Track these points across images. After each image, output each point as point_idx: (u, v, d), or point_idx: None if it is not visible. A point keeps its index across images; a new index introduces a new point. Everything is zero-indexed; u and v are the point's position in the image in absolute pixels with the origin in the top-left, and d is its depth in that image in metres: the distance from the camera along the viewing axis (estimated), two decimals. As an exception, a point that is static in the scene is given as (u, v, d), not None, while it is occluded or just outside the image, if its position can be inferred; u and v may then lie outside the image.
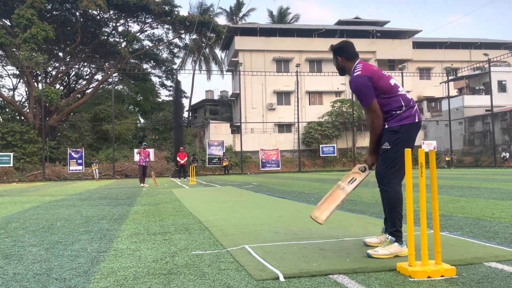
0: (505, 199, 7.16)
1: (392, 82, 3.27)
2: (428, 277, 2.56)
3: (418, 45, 45.48)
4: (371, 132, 3.30)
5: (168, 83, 49.36)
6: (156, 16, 39.55)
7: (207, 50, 48.93)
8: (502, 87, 38.65)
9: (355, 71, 3.30)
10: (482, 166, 34.05)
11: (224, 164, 32.63)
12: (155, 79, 49.16)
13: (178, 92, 39.52)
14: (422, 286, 2.42)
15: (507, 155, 33.28)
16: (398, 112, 3.20)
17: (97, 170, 28.50)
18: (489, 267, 2.78)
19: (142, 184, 16.25)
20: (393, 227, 3.19)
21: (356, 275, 2.66)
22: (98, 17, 38.68)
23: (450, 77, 40.66)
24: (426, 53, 45.79)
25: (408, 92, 3.35)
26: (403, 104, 3.20)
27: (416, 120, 3.22)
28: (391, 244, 3.13)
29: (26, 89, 39.63)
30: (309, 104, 41.03)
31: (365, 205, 6.88)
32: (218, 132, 37.56)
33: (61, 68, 40.25)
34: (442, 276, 2.58)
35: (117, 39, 41.83)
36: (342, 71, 3.54)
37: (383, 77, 3.24)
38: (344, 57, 3.47)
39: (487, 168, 30.40)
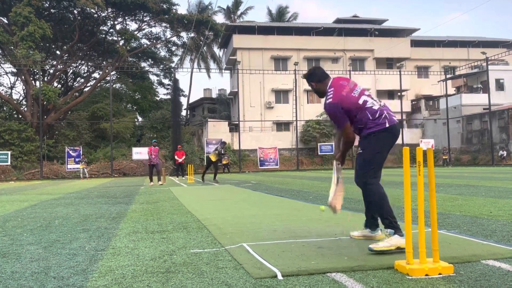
0: (502, 197, 7.18)
1: (361, 100, 3.52)
2: (426, 275, 2.57)
3: (416, 43, 45.51)
4: (345, 144, 3.68)
5: (166, 81, 49.28)
6: (154, 14, 39.44)
7: (205, 48, 48.86)
8: (499, 86, 38.73)
9: (328, 97, 3.58)
10: (479, 164, 34.13)
11: (224, 162, 32.63)
12: (153, 78, 49.07)
13: (176, 90, 39.49)
14: (420, 284, 2.43)
15: (505, 153, 33.36)
16: (368, 123, 3.50)
17: (85, 169, 28.32)
18: (486, 265, 2.79)
19: (151, 183, 15.54)
20: (386, 219, 3.33)
21: (354, 273, 2.67)
22: (96, 15, 38.54)
23: (448, 76, 40.73)
24: (424, 52, 45.82)
25: (379, 102, 3.61)
26: (370, 117, 3.49)
27: (387, 126, 3.46)
28: (391, 237, 3.22)
29: (24, 87, 39.52)
30: (307, 103, 41.04)
31: (363, 203, 6.89)
32: (216, 131, 37.54)
33: (58, 66, 40.12)
34: (439, 274, 2.58)
35: (115, 37, 41.70)
36: (320, 94, 3.78)
37: (350, 99, 3.51)
38: (315, 81, 3.76)
39: (485, 166, 30.47)
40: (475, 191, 8.53)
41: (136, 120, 45.87)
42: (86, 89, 43.13)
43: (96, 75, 43.92)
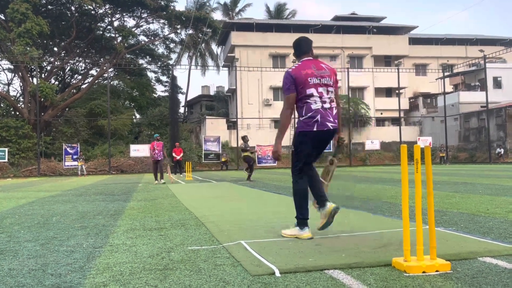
0: (499, 195, 7.20)
1: (308, 91, 3.60)
2: (423, 272, 2.57)
3: (414, 41, 45.54)
4: (280, 120, 3.78)
5: (164, 78, 49.16)
6: (152, 11, 39.30)
7: (203, 45, 48.75)
8: (497, 84, 38.80)
9: (290, 68, 3.73)
10: (477, 162, 34.23)
11: (223, 160, 32.64)
12: (150, 75, 48.97)
13: (174, 87, 39.42)
14: (417, 281, 2.43)
15: (502, 151, 33.47)
16: (301, 119, 3.67)
17: (83, 166, 28.26)
18: (483, 262, 2.80)
19: (156, 181, 14.53)
20: (297, 213, 3.75)
21: (352, 270, 2.68)
22: (93, 11, 38.38)
23: (446, 73, 40.77)
24: (422, 49, 45.86)
25: (328, 104, 3.68)
26: (302, 113, 3.65)
27: (314, 129, 3.61)
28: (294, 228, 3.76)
29: (21, 84, 39.36)
30: (305, 100, 41.02)
31: (360, 201, 6.91)
32: (214, 128, 37.52)
33: (56, 63, 39.98)
34: (437, 271, 2.59)
35: (113, 34, 41.57)
36: None
37: (302, 82, 3.60)
38: (295, 55, 3.89)
39: (482, 164, 30.56)
40: (472, 189, 8.56)
41: (134, 117, 45.79)
42: (84, 86, 42.99)
43: (93, 72, 43.81)
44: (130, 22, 68.41)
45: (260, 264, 2.85)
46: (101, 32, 41.74)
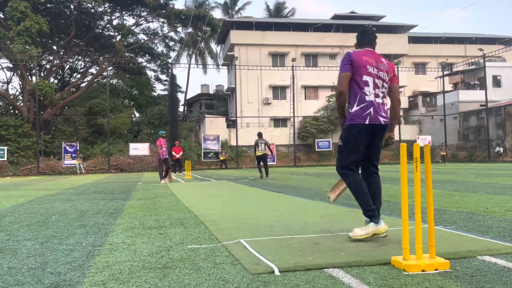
0: (498, 193, 7.21)
1: (364, 78, 3.46)
2: (422, 270, 2.58)
3: (413, 40, 45.52)
4: (336, 98, 3.61)
5: (164, 77, 49.17)
6: (151, 9, 39.26)
7: (202, 44, 48.71)
8: (496, 82, 38.81)
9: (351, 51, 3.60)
10: (476, 161, 34.25)
11: (222, 158, 32.63)
12: (150, 73, 48.95)
13: (173, 86, 39.37)
14: (416, 279, 2.44)
15: (501, 150, 33.50)
16: (352, 110, 3.49)
17: (81, 164, 28.22)
18: (482, 261, 2.81)
19: (163, 181, 13.79)
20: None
21: (351, 269, 2.68)
22: (93, 10, 38.35)
23: (445, 72, 40.76)
24: (421, 48, 45.84)
25: (381, 100, 3.53)
26: (355, 101, 3.47)
27: (366, 123, 3.44)
28: (367, 225, 3.44)
29: (20, 83, 39.32)
30: (305, 99, 41.02)
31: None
32: (214, 127, 37.50)
33: (55, 61, 39.93)
34: (436, 269, 2.59)
35: (112, 33, 41.52)
36: None
37: (361, 66, 3.46)
38: (356, 44, 3.74)
39: (481, 163, 30.59)
40: (472, 187, 8.57)
41: (133, 115, 45.77)
42: (83, 84, 42.98)
43: (93, 70, 43.78)
44: (130, 21, 68.21)
45: (259, 262, 2.85)
46: (100, 31, 41.69)
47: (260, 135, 15.33)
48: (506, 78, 38.75)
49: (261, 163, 15.19)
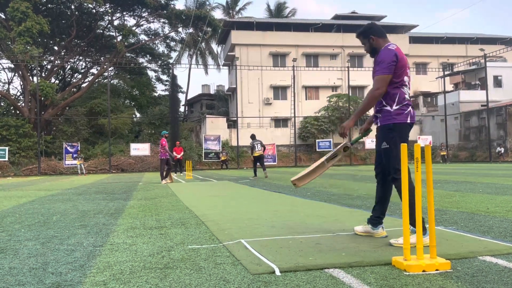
0: (499, 194, 7.20)
1: (405, 78, 3.39)
2: (423, 271, 2.58)
3: (414, 40, 45.49)
4: (365, 99, 3.43)
5: (164, 77, 49.15)
6: (152, 10, 39.27)
7: (203, 44, 48.72)
8: (497, 82, 38.77)
9: (389, 45, 3.42)
10: (477, 161, 34.22)
11: (223, 158, 32.63)
12: (151, 73, 48.95)
13: (174, 86, 39.38)
14: (417, 280, 2.44)
15: (502, 150, 33.46)
16: (391, 108, 3.36)
17: (82, 165, 28.21)
18: (483, 261, 2.80)
19: (164, 181, 13.80)
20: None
21: (352, 269, 2.68)
22: (94, 10, 38.37)
23: (446, 72, 40.72)
24: (422, 48, 45.81)
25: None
26: (397, 100, 3.35)
27: (408, 121, 3.37)
28: (413, 235, 3.17)
29: (21, 83, 39.36)
30: (306, 99, 41.02)
31: (361, 199, 6.91)
32: (215, 127, 37.51)
33: (56, 62, 39.96)
34: (437, 270, 2.59)
35: (113, 33, 41.55)
36: (374, 52, 3.56)
37: (404, 69, 3.37)
38: (377, 36, 3.53)
39: (482, 163, 30.55)
40: (472, 188, 8.56)
41: (134, 116, 45.78)
42: (84, 84, 43.00)
43: (94, 70, 43.79)
44: (131, 21, 68.25)
45: (260, 263, 2.85)
46: (101, 31, 41.72)
47: (253, 136, 15.80)
48: (507, 78, 38.70)
49: (257, 164, 15.63)
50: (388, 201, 3.67)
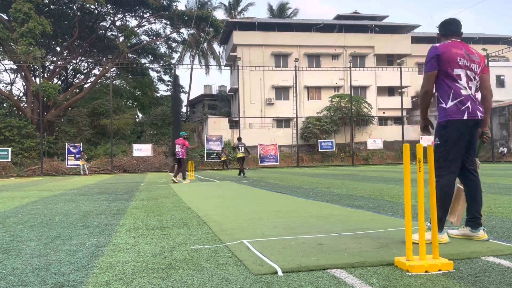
0: (502, 194, 7.18)
1: (456, 72, 3.28)
2: (426, 271, 2.57)
3: (416, 39, 45.39)
4: (421, 95, 3.43)
5: (166, 78, 49.21)
6: (154, 11, 39.34)
7: (205, 44, 48.77)
8: (500, 82, 38.68)
9: (437, 43, 3.41)
10: (480, 161, 34.02)
11: (223, 159, 32.61)
12: (153, 74, 49.02)
13: (176, 87, 39.46)
14: (420, 280, 2.43)
15: (505, 150, 33.37)
16: (445, 105, 3.30)
17: (85, 165, 28.25)
18: (486, 262, 2.80)
19: (176, 179, 14.24)
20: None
21: (354, 270, 2.67)
22: (96, 11, 38.46)
23: (449, 72, 40.57)
24: (425, 48, 45.50)
25: (475, 93, 3.36)
26: (449, 97, 3.28)
27: (464, 118, 3.26)
28: (428, 232, 3.17)
29: (24, 84, 39.50)
30: (308, 99, 40.98)
31: (363, 200, 6.90)
32: (217, 127, 37.52)
33: (58, 62, 40.07)
34: (439, 270, 2.59)
35: (115, 34, 41.64)
36: None
37: (452, 63, 3.28)
38: (440, 34, 3.54)
39: (485, 163, 30.47)
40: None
41: (136, 116, 45.87)
42: (86, 85, 43.10)
43: (96, 71, 43.92)
44: (133, 22, 68.45)
45: (262, 263, 2.85)
46: (103, 32, 41.83)
47: (239, 139, 17.74)
48: (510, 78, 38.61)
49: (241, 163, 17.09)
50: (479, 199, 3.45)
